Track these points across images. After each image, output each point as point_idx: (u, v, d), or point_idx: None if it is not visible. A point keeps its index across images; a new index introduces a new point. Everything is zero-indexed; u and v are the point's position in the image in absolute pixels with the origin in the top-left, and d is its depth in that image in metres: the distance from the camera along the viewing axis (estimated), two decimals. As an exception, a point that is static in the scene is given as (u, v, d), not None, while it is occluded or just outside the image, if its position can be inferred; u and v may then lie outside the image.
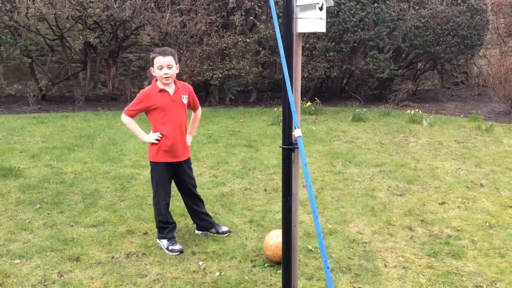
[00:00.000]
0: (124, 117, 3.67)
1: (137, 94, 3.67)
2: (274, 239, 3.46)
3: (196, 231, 3.99)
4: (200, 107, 3.97)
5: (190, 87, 3.83)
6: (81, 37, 9.53)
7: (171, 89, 3.65)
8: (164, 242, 3.71)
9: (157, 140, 3.62)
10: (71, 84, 10.88)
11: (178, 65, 3.67)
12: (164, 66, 3.56)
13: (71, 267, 3.40)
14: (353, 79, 11.21)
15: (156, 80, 3.65)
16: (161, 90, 3.62)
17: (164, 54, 3.57)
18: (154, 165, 3.70)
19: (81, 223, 4.12)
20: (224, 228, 3.99)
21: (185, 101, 3.70)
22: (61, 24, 9.95)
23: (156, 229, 3.82)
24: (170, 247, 3.66)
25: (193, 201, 3.93)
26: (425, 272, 3.44)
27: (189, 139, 3.86)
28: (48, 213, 4.29)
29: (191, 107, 3.87)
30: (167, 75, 3.58)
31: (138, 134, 3.71)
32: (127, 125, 3.71)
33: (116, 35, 10.38)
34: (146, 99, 3.62)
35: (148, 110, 3.64)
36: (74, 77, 10.68)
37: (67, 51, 10.50)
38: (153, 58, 3.59)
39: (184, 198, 3.95)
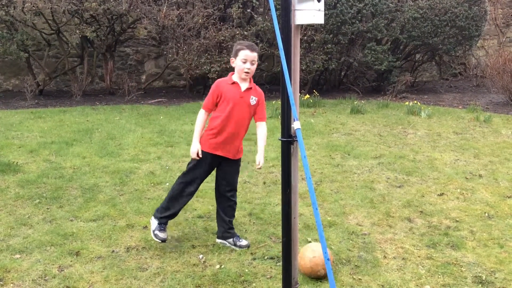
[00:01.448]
0: (199, 112, 3.58)
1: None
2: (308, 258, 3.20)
3: (216, 240, 3.76)
4: (265, 122, 3.68)
5: (263, 94, 3.67)
6: (77, 31, 9.48)
7: (244, 85, 3.55)
8: (154, 223, 3.62)
9: (196, 158, 3.53)
10: (68, 79, 10.84)
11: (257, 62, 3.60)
12: (249, 60, 3.49)
13: (71, 261, 3.41)
14: (351, 71, 11.19)
15: (233, 74, 3.57)
16: (234, 83, 3.54)
17: (252, 49, 3.51)
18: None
19: (80, 217, 4.12)
20: (243, 242, 3.67)
21: (253, 102, 3.56)
22: (57, 19, 9.90)
23: (158, 206, 3.71)
24: (156, 232, 3.57)
25: (219, 203, 3.74)
26: (424, 263, 3.45)
27: (260, 157, 3.56)
28: (48, 208, 4.29)
29: (255, 115, 3.64)
30: (249, 70, 3.49)
31: (194, 136, 3.58)
32: (196, 121, 3.59)
33: (113, 29, 10.33)
34: (217, 89, 3.53)
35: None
36: (72, 72, 10.64)
37: (64, 46, 10.45)
38: (239, 50, 3.50)
39: (216, 195, 3.78)
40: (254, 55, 3.51)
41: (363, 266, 3.40)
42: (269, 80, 11.48)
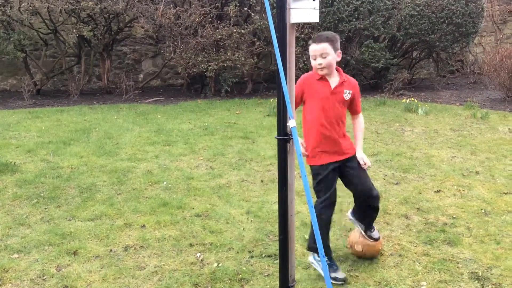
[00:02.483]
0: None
1: None
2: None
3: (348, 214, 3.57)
4: (361, 113, 3.39)
5: (357, 84, 3.32)
6: (74, 30, 9.47)
7: (333, 80, 3.20)
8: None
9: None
10: (65, 78, 10.83)
11: (339, 51, 3.16)
12: (317, 55, 3.11)
13: (69, 261, 3.42)
14: (349, 69, 11.19)
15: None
16: (321, 78, 3.18)
17: (318, 40, 3.12)
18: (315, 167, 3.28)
19: (78, 217, 4.12)
20: (375, 234, 3.44)
21: (347, 96, 3.23)
22: (54, 18, 9.89)
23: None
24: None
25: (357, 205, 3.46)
26: (421, 260, 3.46)
27: (360, 154, 3.30)
28: (45, 208, 4.29)
29: (350, 108, 3.34)
30: (321, 66, 3.12)
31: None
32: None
33: (110, 28, 10.32)
34: (302, 85, 3.19)
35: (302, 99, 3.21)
36: (69, 71, 10.63)
37: (61, 45, 10.44)
38: (308, 46, 3.23)
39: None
40: (322, 46, 3.09)
41: (360, 263, 3.41)
42: (266, 78, 11.49)
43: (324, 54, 3.11)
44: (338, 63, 3.26)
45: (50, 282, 3.15)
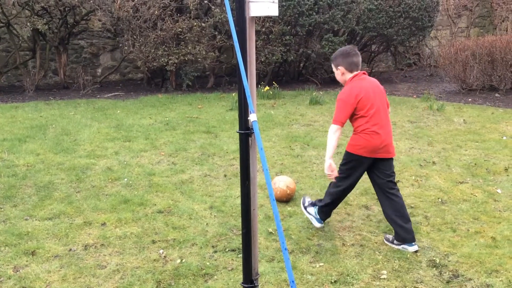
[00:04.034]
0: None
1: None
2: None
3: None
4: (333, 123, 3.62)
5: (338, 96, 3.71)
6: (28, 24, 9.15)
7: None
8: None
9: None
10: (20, 73, 10.46)
11: (338, 67, 3.66)
12: None
13: (27, 261, 3.31)
14: (310, 63, 11.29)
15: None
16: None
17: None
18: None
19: (35, 216, 4.00)
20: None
21: None
22: (7, 11, 9.52)
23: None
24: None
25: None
26: (381, 249, 3.54)
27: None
28: (1, 208, 4.15)
29: None
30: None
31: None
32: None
33: (65, 21, 10.03)
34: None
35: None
36: (23, 66, 10.27)
37: (15, 39, 10.07)
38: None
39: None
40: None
41: (322, 254, 3.46)
42: (229, 72, 11.44)
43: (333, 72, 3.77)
44: (297, 56, 3.42)
45: (7, 284, 3.05)
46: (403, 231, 3.48)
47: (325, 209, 3.78)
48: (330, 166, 3.48)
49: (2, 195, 4.38)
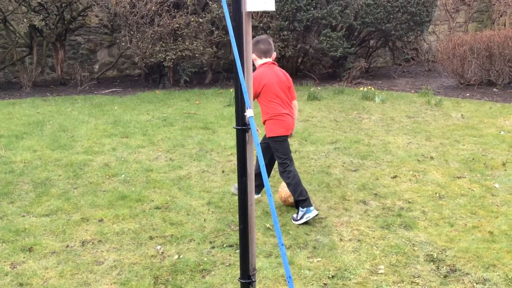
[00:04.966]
0: None
1: None
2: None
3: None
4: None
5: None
6: (25, 20, 9.09)
7: None
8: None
9: None
10: (17, 70, 10.42)
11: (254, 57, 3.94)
12: None
13: (24, 258, 3.31)
14: (308, 58, 11.27)
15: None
16: None
17: None
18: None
19: (32, 212, 4.00)
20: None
21: None
22: (3, 7, 9.47)
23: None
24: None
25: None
26: (378, 244, 3.55)
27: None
28: (-3, 204, 4.14)
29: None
30: None
31: None
32: None
33: (62, 17, 9.98)
34: None
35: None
36: (20, 62, 10.23)
37: (12, 35, 10.02)
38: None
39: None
40: None
41: (320, 249, 3.46)
42: (226, 67, 11.41)
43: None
44: (295, 52, 3.53)
45: (4, 280, 3.04)
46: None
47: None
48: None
49: (-1, 192, 4.37)
